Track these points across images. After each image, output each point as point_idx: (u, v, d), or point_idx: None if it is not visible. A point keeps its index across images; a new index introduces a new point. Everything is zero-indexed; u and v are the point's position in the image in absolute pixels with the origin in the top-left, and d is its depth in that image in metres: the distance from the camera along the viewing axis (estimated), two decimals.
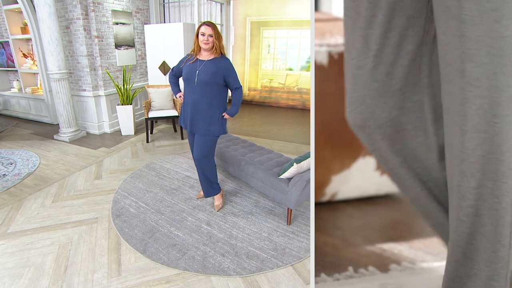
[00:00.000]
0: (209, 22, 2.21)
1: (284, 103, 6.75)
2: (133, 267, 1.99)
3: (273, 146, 4.04)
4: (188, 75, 2.27)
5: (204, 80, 2.23)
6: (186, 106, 2.39)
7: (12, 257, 2.08)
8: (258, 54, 6.91)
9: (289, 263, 2.00)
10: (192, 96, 2.30)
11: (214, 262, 2.00)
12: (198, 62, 2.25)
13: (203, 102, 2.29)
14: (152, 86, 4.46)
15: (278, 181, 2.32)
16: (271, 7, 6.47)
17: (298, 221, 2.42)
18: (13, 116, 5.72)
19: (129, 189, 2.95)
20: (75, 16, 4.15)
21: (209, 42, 2.18)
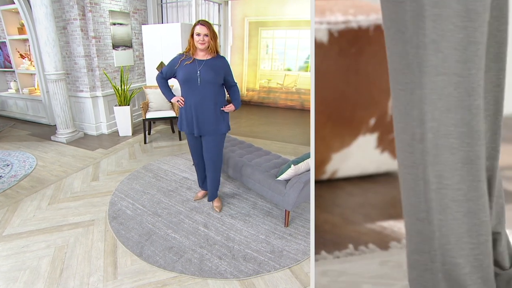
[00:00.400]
0: (204, 21, 2.15)
1: (282, 104, 6.74)
2: (129, 270, 1.97)
3: (271, 147, 4.03)
4: (188, 76, 2.20)
5: (207, 80, 2.18)
6: (188, 109, 2.29)
7: (7, 260, 2.06)
8: (257, 55, 6.90)
9: (287, 265, 1.98)
10: (195, 97, 2.23)
11: (211, 265, 1.98)
12: (197, 62, 2.19)
13: (208, 102, 2.24)
14: (150, 86, 4.44)
15: (276, 182, 2.30)
16: (270, 7, 6.46)
17: (296, 223, 2.41)
18: (11, 117, 5.69)
19: (126, 190, 2.93)
20: (72, 17, 4.13)
21: (205, 42, 2.13)
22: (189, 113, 2.29)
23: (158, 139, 4.51)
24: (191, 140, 2.48)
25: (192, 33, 2.15)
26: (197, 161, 2.59)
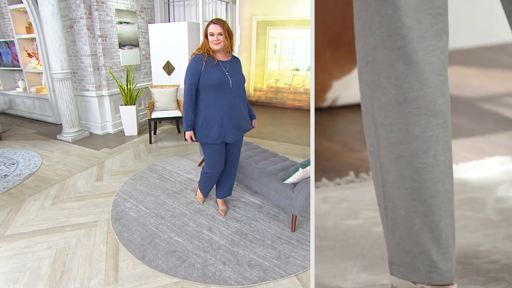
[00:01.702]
0: (217, 20, 2.00)
1: (290, 104, 6.63)
2: (131, 274, 1.91)
3: (278, 149, 3.95)
4: (219, 80, 2.00)
5: (239, 82, 2.11)
6: (222, 115, 2.06)
7: (8, 261, 2.03)
8: (264, 54, 6.82)
9: (293, 273, 1.90)
10: (229, 102, 2.06)
11: (215, 270, 1.91)
12: (221, 63, 2.05)
13: (240, 104, 2.16)
14: (156, 86, 4.40)
15: (283, 186, 2.22)
16: (278, 6, 6.37)
17: (303, 228, 2.32)
18: (18, 115, 5.72)
19: (130, 191, 2.88)
20: (78, 16, 4.11)
21: (220, 42, 1.98)
22: (224, 120, 2.08)
23: (164, 139, 4.47)
24: (216, 151, 2.21)
25: (206, 33, 2.01)
26: (218, 172, 2.35)
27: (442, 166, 0.99)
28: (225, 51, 2.05)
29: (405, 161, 1.00)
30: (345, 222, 1.46)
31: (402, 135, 0.99)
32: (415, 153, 0.98)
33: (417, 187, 1.00)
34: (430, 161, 0.98)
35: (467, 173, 1.64)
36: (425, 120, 0.97)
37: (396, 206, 1.05)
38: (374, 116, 1.03)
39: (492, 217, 1.44)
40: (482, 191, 1.57)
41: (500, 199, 1.51)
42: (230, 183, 2.50)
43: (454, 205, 1.06)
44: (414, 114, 0.97)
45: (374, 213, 1.35)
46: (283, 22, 6.45)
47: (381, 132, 1.02)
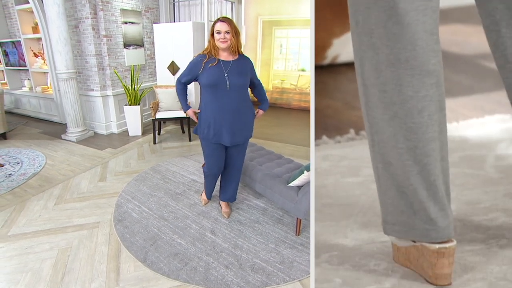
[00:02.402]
0: (225, 18, 1.96)
1: (296, 105, 6.58)
2: (132, 276, 1.89)
3: (283, 150, 3.90)
4: (215, 80, 1.97)
5: (238, 84, 2.00)
6: (217, 116, 2.05)
7: (10, 261, 2.02)
8: (270, 54, 6.78)
9: (297, 278, 1.85)
10: (224, 103, 2.01)
11: (217, 274, 1.87)
12: (223, 63, 1.99)
13: (239, 107, 2.05)
14: (160, 86, 4.39)
15: (287, 189, 2.18)
16: (284, 6, 6.33)
17: (308, 232, 2.28)
18: (24, 114, 5.76)
19: (133, 192, 2.86)
20: (83, 15, 4.11)
21: (227, 40, 1.93)
22: (218, 121, 2.06)
23: (168, 140, 4.45)
24: (213, 150, 2.20)
25: (212, 32, 1.96)
26: (216, 173, 2.34)
27: (436, 125, 1.00)
28: (231, 50, 1.99)
29: (399, 122, 1.00)
30: (345, 180, 1.47)
31: (395, 95, 0.99)
32: (409, 113, 0.98)
33: (412, 146, 1.00)
34: (424, 121, 0.99)
35: (467, 131, 1.65)
36: (419, 80, 0.97)
37: (391, 166, 1.05)
38: (365, 76, 1.02)
39: (492, 175, 1.44)
40: (482, 148, 1.57)
41: (500, 157, 1.51)
42: (232, 187, 2.45)
43: (449, 162, 1.06)
44: (407, 74, 0.97)
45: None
46: (289, 22, 6.41)
47: (373, 92, 1.02)
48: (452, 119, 1.70)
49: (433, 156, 1.01)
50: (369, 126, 1.07)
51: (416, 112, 0.98)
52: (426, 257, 1.06)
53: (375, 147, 1.07)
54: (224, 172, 2.40)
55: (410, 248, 1.11)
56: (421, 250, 1.07)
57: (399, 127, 1.00)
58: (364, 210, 1.35)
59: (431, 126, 0.99)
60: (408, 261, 1.13)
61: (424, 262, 1.07)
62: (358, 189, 1.43)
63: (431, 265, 1.05)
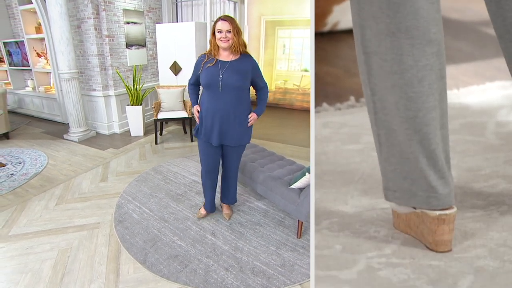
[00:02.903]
0: (226, 16, 1.93)
1: (298, 106, 6.55)
2: (131, 278, 1.87)
3: (285, 151, 3.88)
4: (209, 81, 1.96)
5: (231, 85, 1.94)
6: (208, 116, 2.05)
7: (11, 262, 2.01)
8: (273, 55, 6.75)
9: (298, 281, 1.83)
10: (217, 104, 1.99)
11: (217, 277, 1.85)
12: (220, 64, 1.95)
13: (232, 110, 2.00)
14: (162, 86, 4.38)
15: (289, 191, 2.16)
16: (287, 6, 6.30)
17: (309, 234, 2.25)
18: (27, 114, 5.78)
19: (134, 193, 2.85)
20: (86, 16, 4.11)
21: (228, 39, 1.89)
22: (208, 121, 2.05)
23: (170, 140, 4.44)
24: (205, 149, 2.19)
25: (214, 31, 1.93)
26: (208, 173, 2.31)
27: (436, 94, 1.00)
28: (233, 49, 1.94)
29: (399, 91, 1.00)
30: (345, 147, 1.47)
31: (395, 64, 0.99)
32: (409, 82, 0.99)
33: (412, 116, 1.01)
34: (425, 90, 0.99)
35: (467, 97, 1.64)
36: (419, 50, 0.97)
37: (393, 132, 1.06)
38: (366, 44, 1.02)
39: (493, 142, 1.44)
40: (482, 115, 1.58)
41: (500, 124, 1.51)
42: (229, 190, 2.42)
43: (450, 130, 1.07)
44: (407, 44, 0.96)
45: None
46: (292, 22, 6.37)
47: (374, 60, 1.02)
48: (453, 86, 1.70)
49: (433, 125, 1.01)
50: (371, 94, 1.07)
51: (416, 82, 0.98)
52: (426, 224, 1.07)
53: (378, 114, 1.07)
54: (222, 175, 2.40)
55: (410, 214, 1.12)
56: (422, 216, 1.08)
57: (399, 96, 1.01)
58: (364, 177, 1.36)
59: (431, 96, 0.99)
60: (409, 228, 1.14)
61: (425, 229, 1.08)
62: (358, 156, 1.44)
63: (432, 232, 1.07)
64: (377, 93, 1.05)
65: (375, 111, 1.08)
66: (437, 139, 1.02)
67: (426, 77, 0.97)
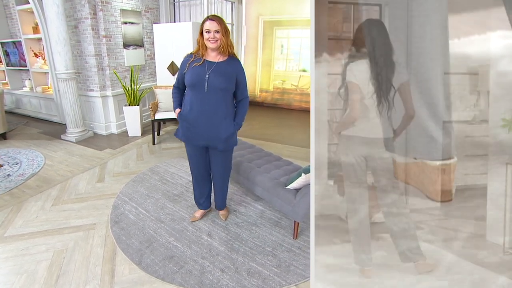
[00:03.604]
0: (214, 16, 1.90)
1: (296, 106, 6.55)
2: (127, 279, 1.87)
3: (283, 151, 3.87)
4: (195, 80, 1.92)
5: (217, 86, 1.90)
6: (191, 117, 2.00)
7: (6, 263, 2.01)
8: (271, 55, 6.75)
9: (293, 282, 1.82)
10: (202, 105, 1.94)
11: (212, 278, 1.85)
12: (207, 64, 1.92)
13: (218, 112, 1.95)
14: (160, 87, 4.37)
15: (285, 191, 2.15)
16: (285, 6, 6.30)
17: (306, 235, 2.25)
18: (25, 114, 5.76)
19: (131, 193, 2.85)
20: (83, 16, 4.10)
21: (216, 40, 1.87)
22: (194, 122, 2.00)
23: (167, 140, 4.43)
24: (192, 151, 2.17)
25: (202, 31, 1.90)
26: (198, 175, 2.28)
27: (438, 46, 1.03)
28: (221, 50, 1.92)
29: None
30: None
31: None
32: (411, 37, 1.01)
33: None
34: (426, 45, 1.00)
35: (468, 47, 1.64)
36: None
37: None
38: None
39: (494, 91, 1.43)
40: (483, 65, 1.58)
41: (502, 73, 1.48)
42: (218, 196, 2.38)
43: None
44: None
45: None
46: (290, 22, 6.38)
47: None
48: (453, 35, 1.69)
49: (434, 79, 1.03)
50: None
51: (418, 36, 0.99)
52: (427, 174, 1.07)
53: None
54: (212, 180, 2.36)
55: (411, 164, 1.12)
56: (422, 166, 1.08)
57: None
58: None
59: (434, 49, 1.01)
60: (409, 178, 1.14)
61: (425, 179, 1.08)
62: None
63: (432, 182, 1.07)
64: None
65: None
66: (438, 90, 1.03)
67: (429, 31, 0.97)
